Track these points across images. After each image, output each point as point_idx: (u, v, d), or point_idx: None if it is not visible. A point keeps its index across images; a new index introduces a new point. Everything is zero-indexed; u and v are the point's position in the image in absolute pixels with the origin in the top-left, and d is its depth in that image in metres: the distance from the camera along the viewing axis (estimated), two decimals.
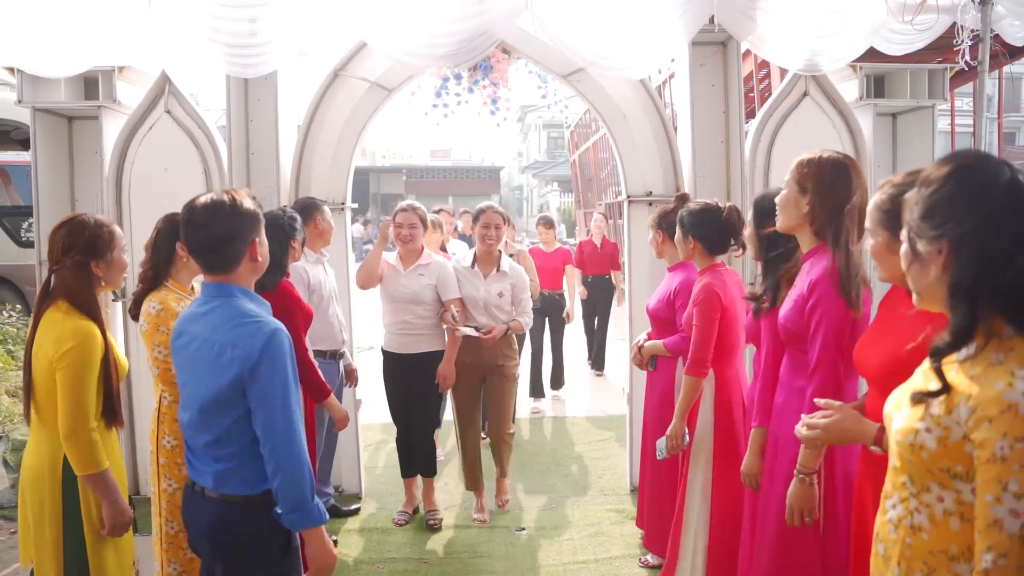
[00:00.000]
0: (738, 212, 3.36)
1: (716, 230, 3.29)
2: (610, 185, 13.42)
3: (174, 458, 2.92)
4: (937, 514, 1.34)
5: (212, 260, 2.09)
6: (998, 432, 1.21)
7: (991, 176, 1.31)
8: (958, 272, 1.30)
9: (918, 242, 1.36)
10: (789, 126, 4.55)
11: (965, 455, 1.27)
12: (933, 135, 4.79)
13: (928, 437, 1.32)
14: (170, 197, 4.21)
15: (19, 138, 8.95)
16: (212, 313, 2.08)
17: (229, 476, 2.05)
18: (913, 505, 1.38)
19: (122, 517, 2.49)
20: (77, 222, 2.53)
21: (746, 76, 6.86)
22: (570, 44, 3.99)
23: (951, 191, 1.32)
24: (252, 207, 2.12)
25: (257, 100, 4.51)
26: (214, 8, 3.75)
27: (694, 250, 3.35)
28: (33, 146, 4.42)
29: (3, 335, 7.27)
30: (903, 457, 1.39)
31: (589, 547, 4.12)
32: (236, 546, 2.06)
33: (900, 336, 1.80)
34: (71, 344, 2.38)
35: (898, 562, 1.41)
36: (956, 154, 1.39)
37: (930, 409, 1.33)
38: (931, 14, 4.11)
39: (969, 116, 6.77)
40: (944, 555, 1.33)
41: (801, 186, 2.38)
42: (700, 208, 3.36)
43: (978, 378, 1.27)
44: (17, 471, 5.05)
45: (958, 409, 1.28)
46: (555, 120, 32.37)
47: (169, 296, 2.90)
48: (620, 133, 4.76)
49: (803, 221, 2.39)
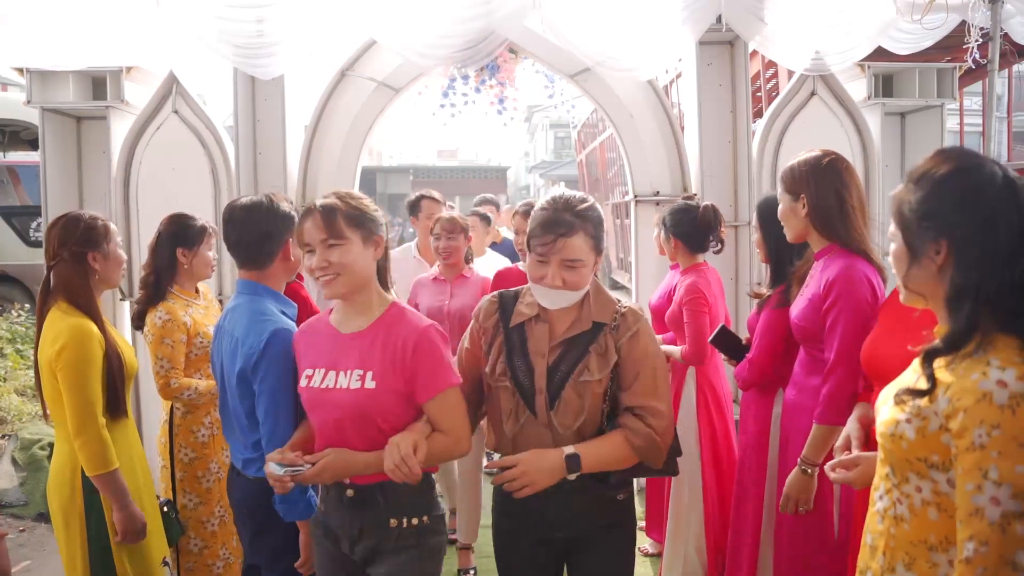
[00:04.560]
0: (714, 210, 3.44)
1: (693, 228, 3.40)
2: (617, 185, 13.39)
3: (193, 471, 2.91)
4: (916, 504, 1.36)
5: (246, 255, 2.28)
6: (974, 420, 1.22)
7: (987, 177, 1.31)
8: (961, 275, 1.30)
9: (915, 241, 1.36)
10: (797, 125, 4.54)
11: (942, 445, 1.29)
12: (942, 134, 4.76)
13: (908, 427, 1.33)
14: (177, 197, 4.24)
15: (28, 138, 9.01)
16: (237, 308, 2.26)
17: (252, 462, 2.23)
18: (895, 496, 1.40)
19: (133, 524, 2.44)
20: (71, 217, 2.55)
21: (753, 75, 6.84)
22: (578, 44, 3.99)
23: (950, 193, 1.32)
24: (288, 209, 2.31)
25: (264, 100, 4.51)
26: (221, 9, 3.76)
27: (676, 249, 3.47)
28: (42, 146, 4.44)
29: (12, 334, 7.30)
30: (885, 448, 1.40)
31: None
32: (260, 517, 2.25)
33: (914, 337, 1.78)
34: (64, 343, 2.37)
35: (883, 552, 1.42)
36: (948, 153, 1.38)
37: (912, 402, 1.34)
38: (940, 13, 4.10)
39: (978, 115, 6.74)
40: (924, 545, 1.35)
41: (792, 193, 2.40)
42: (679, 207, 3.49)
43: (957, 371, 1.28)
44: (26, 470, 5.08)
45: (937, 400, 1.29)
46: (562, 120, 32.35)
47: (176, 304, 2.89)
48: (627, 133, 4.75)
49: (806, 225, 2.40)
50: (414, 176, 35.46)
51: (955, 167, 1.34)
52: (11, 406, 5.97)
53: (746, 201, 4.49)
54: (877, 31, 4.10)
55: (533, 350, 2.01)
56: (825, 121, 4.53)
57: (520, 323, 2.04)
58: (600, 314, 2.00)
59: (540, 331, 2.02)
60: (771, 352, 2.69)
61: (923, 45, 4.26)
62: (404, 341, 1.92)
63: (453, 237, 3.86)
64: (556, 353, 2.00)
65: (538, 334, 2.02)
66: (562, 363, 1.98)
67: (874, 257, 2.32)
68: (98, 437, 2.37)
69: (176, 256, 2.94)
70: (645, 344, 1.99)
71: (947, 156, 1.37)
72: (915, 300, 1.42)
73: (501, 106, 4.97)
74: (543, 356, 1.99)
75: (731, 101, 4.63)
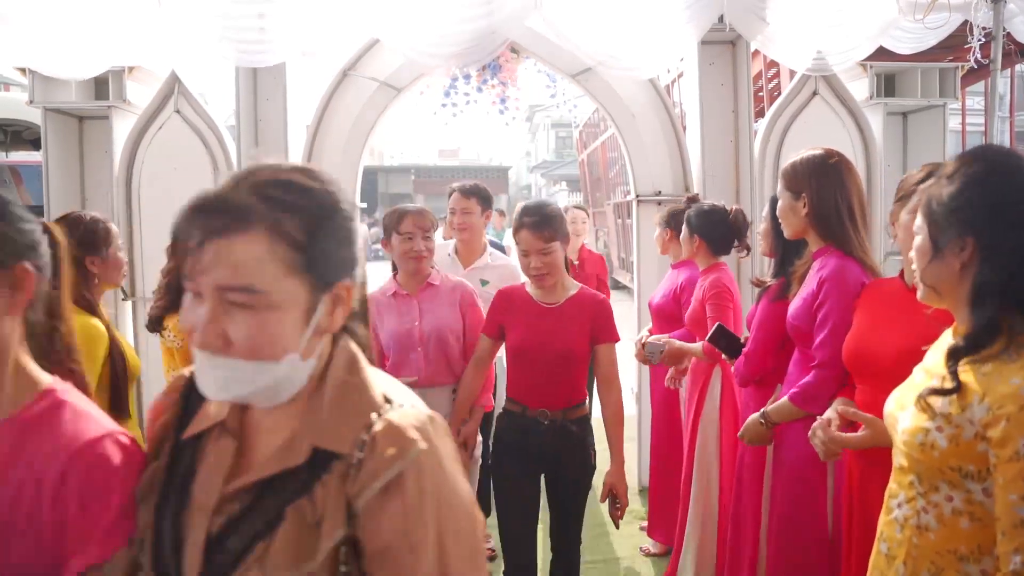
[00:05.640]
0: (743, 215, 3.42)
1: (722, 231, 3.37)
2: (619, 185, 13.38)
3: None
4: (946, 513, 1.33)
5: None
6: (1019, 428, 1.18)
7: (1022, 175, 1.29)
8: (986, 273, 1.28)
9: (940, 237, 1.34)
10: (799, 125, 4.53)
11: (978, 454, 1.25)
12: (944, 134, 4.76)
13: (939, 436, 1.30)
14: (180, 197, 4.19)
15: (30, 138, 9.01)
16: None
17: None
18: (920, 505, 1.37)
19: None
20: (72, 218, 2.54)
21: (755, 75, 6.84)
22: (579, 44, 3.99)
23: (982, 190, 1.30)
24: None
25: (266, 100, 4.52)
26: (224, 8, 3.76)
27: (698, 249, 3.43)
28: (44, 146, 4.44)
29: None
30: (911, 457, 1.37)
31: (597, 547, 4.11)
32: None
33: (921, 334, 1.78)
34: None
35: (904, 561, 1.39)
36: (983, 151, 1.37)
37: (939, 408, 1.31)
38: (942, 12, 4.09)
39: (981, 115, 6.73)
40: (953, 555, 1.32)
41: (793, 191, 2.38)
42: (708, 209, 3.43)
43: (991, 376, 1.25)
44: None
45: (971, 408, 1.26)
46: (563, 120, 32.33)
47: None
48: (629, 132, 4.75)
49: (805, 225, 2.39)
50: (415, 176, 35.44)
51: (989, 165, 1.32)
52: None
53: (748, 201, 4.48)
54: (879, 31, 4.10)
55: (196, 499, 1.00)
56: (827, 121, 4.53)
57: (199, 433, 1.05)
58: (331, 431, 0.97)
59: (219, 458, 1.02)
60: (767, 345, 2.68)
61: (925, 45, 4.25)
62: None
63: (429, 237, 2.99)
64: (228, 512, 0.98)
65: (213, 465, 1.02)
66: (232, 536, 0.96)
67: (869, 262, 2.32)
68: None
69: None
70: (414, 505, 0.93)
71: (982, 154, 1.36)
72: (930, 296, 1.40)
73: (503, 106, 4.97)
74: (207, 514, 0.98)
75: (733, 101, 4.63)
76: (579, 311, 2.69)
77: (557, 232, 2.64)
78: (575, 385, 2.72)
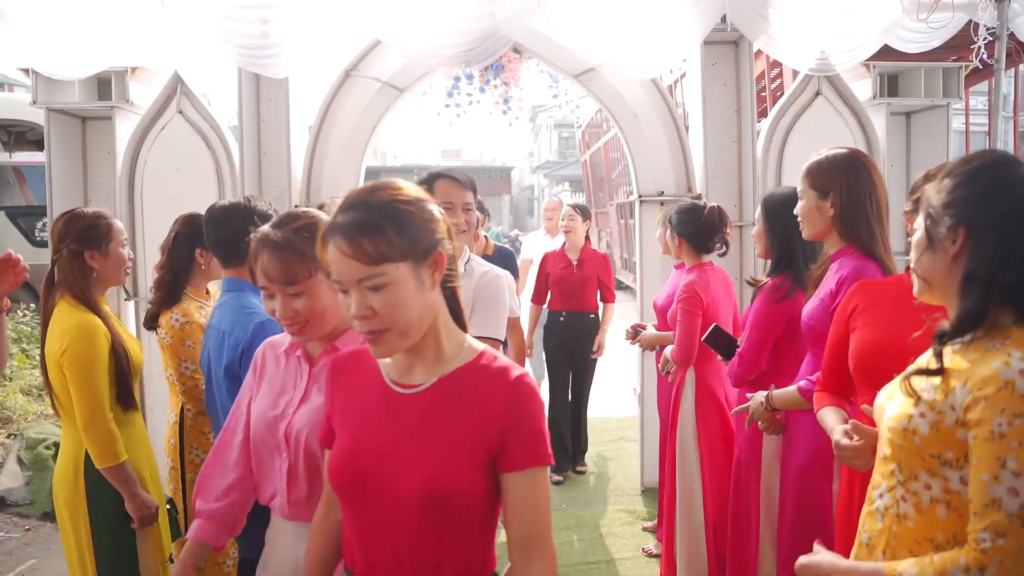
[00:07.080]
0: (720, 212, 3.45)
1: (698, 229, 3.41)
2: (621, 185, 13.36)
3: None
4: (924, 502, 1.34)
5: (226, 254, 2.36)
6: (995, 409, 1.20)
7: (1018, 174, 1.33)
8: (974, 262, 1.31)
9: (935, 229, 1.37)
10: (801, 125, 4.53)
11: (957, 441, 1.27)
12: (947, 134, 4.74)
13: (922, 422, 1.32)
14: (182, 197, 4.24)
15: (34, 139, 9.02)
16: (224, 305, 2.33)
17: None
18: (900, 494, 1.38)
19: (146, 509, 2.48)
20: (74, 213, 2.55)
21: (758, 75, 6.82)
22: (582, 44, 3.99)
23: (975, 184, 1.34)
24: (265, 209, 2.37)
25: (269, 100, 4.52)
26: (227, 9, 3.76)
27: (681, 248, 3.49)
28: (47, 146, 4.45)
29: (18, 334, 7.32)
30: (894, 444, 1.38)
31: (600, 548, 4.11)
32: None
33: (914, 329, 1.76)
34: (70, 340, 2.39)
35: (883, 551, 1.41)
36: (984, 152, 1.43)
37: (925, 395, 1.33)
38: (946, 12, 4.07)
39: (984, 115, 6.70)
40: (930, 543, 1.33)
41: (820, 190, 2.31)
42: (685, 207, 3.50)
43: (976, 363, 1.27)
44: (31, 469, 5.09)
45: (954, 394, 1.28)
46: (566, 120, 32.32)
47: (191, 306, 2.88)
48: (632, 133, 4.75)
49: (830, 226, 2.32)
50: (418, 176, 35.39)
51: (986, 162, 1.37)
52: (16, 405, 5.99)
53: (751, 201, 4.48)
54: (883, 30, 4.08)
55: None
56: (830, 121, 4.52)
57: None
58: None
59: None
60: (760, 345, 2.67)
61: (930, 44, 4.23)
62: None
63: None
64: None
65: None
66: None
67: (890, 264, 2.28)
68: (107, 431, 2.40)
69: (194, 256, 2.90)
70: None
71: (982, 153, 1.41)
72: (922, 288, 1.43)
73: (505, 106, 4.97)
74: None
75: (736, 101, 4.62)
76: None
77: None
78: None
